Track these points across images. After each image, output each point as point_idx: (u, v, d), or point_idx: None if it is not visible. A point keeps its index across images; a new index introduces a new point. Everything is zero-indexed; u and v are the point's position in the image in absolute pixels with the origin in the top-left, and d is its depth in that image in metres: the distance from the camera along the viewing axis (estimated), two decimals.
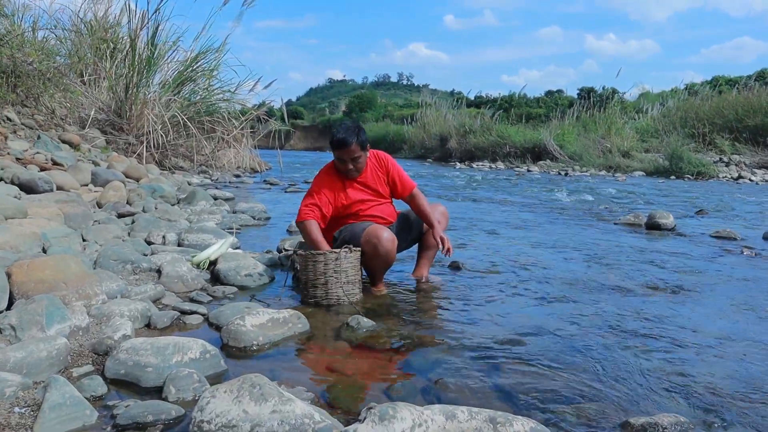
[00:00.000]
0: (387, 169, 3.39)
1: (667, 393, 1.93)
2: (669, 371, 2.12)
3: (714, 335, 2.56)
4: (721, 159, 16.99)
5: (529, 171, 17.82)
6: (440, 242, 3.25)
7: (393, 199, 3.48)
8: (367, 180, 3.32)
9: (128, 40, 10.46)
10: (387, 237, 3.06)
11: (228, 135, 12.02)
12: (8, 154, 5.78)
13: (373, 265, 3.16)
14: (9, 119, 7.31)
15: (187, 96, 11.74)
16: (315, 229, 3.13)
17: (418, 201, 3.38)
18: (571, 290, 3.32)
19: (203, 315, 2.62)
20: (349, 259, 2.95)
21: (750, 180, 14.12)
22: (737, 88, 21.14)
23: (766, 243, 5.13)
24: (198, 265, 3.38)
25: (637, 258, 4.29)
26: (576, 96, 32.50)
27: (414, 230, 3.49)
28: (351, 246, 3.03)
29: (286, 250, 3.90)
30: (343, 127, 3.19)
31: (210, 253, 3.47)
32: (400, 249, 3.58)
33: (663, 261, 4.19)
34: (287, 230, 5.13)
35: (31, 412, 1.59)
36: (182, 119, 10.48)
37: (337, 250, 2.93)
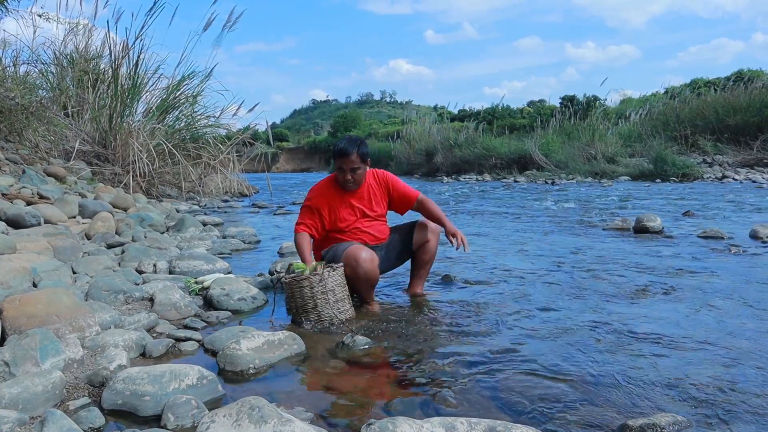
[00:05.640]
0: (387, 186, 3.46)
1: (664, 393, 1.95)
2: (664, 372, 2.14)
3: (706, 334, 2.58)
4: (704, 160, 17.25)
5: (516, 181, 17.96)
6: (452, 239, 3.28)
7: (409, 210, 3.54)
8: (363, 197, 3.38)
9: (110, 70, 10.47)
10: (365, 257, 3.07)
11: (214, 160, 12.01)
12: None
13: (356, 286, 3.17)
14: None
15: (171, 123, 11.73)
16: (305, 242, 3.26)
17: (427, 206, 3.45)
18: (563, 297, 3.35)
19: (198, 341, 2.60)
20: (334, 278, 2.94)
21: (734, 179, 14.33)
22: (714, 89, 21.51)
23: (752, 241, 5.20)
24: (190, 291, 3.37)
25: (627, 262, 4.33)
26: (558, 105, 32.84)
27: (405, 247, 3.51)
28: (333, 264, 3.04)
29: (278, 272, 3.90)
30: (347, 138, 3.31)
31: (213, 278, 3.50)
32: (392, 267, 3.59)
33: (653, 264, 4.24)
34: (278, 252, 5.12)
35: None
36: (167, 147, 10.47)
37: (319, 271, 2.92)
